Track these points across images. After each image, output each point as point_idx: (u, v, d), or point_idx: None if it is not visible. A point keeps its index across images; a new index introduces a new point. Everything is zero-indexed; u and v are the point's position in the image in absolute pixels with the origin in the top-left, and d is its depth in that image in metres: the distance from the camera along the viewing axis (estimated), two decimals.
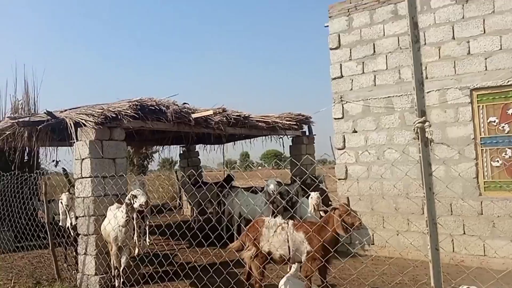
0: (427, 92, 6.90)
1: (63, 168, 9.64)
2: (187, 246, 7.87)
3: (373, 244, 7.45)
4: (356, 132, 7.71)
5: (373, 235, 7.39)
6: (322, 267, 4.68)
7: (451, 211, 6.62)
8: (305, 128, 10.85)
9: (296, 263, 5.16)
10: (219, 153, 13.67)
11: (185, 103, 7.66)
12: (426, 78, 6.93)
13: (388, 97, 7.34)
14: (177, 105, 7.18)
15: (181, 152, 14.16)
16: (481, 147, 6.42)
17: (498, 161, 6.29)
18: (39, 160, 10.25)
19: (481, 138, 6.43)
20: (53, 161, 8.36)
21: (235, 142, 12.23)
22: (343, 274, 5.75)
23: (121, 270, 5.33)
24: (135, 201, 5.15)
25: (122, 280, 5.30)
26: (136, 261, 5.48)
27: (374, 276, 5.67)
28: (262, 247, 4.84)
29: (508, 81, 6.09)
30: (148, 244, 8.74)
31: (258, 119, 8.64)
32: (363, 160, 7.61)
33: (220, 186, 9.46)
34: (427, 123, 2.82)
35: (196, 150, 14.10)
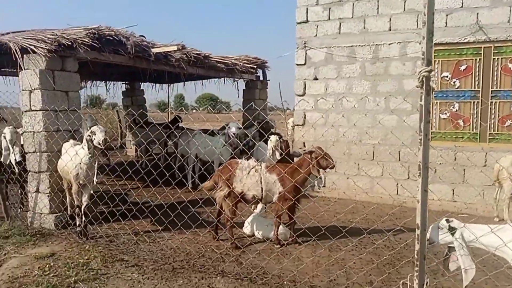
0: (389, 44, 7.14)
1: None
2: (137, 186, 7.72)
3: (324, 186, 7.92)
4: (317, 79, 7.83)
5: (325, 178, 7.83)
6: (292, 206, 4.92)
7: (399, 158, 7.19)
8: (260, 73, 10.76)
9: (261, 204, 5.37)
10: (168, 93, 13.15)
11: (141, 36, 7.08)
12: (389, 30, 7.13)
13: (351, 46, 7.46)
14: (135, 37, 6.62)
15: (124, 89, 13.32)
16: (433, 99, 6.91)
17: (446, 113, 6.86)
18: None
19: (434, 91, 6.90)
20: None
21: (185, 83, 11.78)
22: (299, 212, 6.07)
23: (83, 208, 5.10)
24: (94, 138, 4.82)
25: (84, 218, 5.08)
26: (94, 198, 5.25)
27: (326, 213, 6.10)
28: (235, 187, 4.92)
29: (465, 39, 6.50)
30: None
31: (217, 59, 8.34)
32: (322, 107, 7.82)
33: (166, 127, 9.22)
34: (432, 72, 2.94)
35: (141, 88, 13.36)
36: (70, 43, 5.47)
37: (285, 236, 5.12)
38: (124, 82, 12.94)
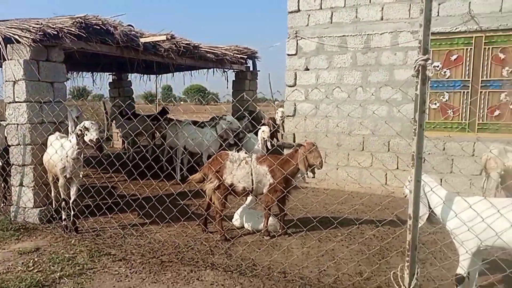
0: (381, 34, 7.08)
1: None
2: (124, 179, 7.58)
3: (314, 177, 7.86)
4: (308, 70, 7.74)
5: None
6: (282, 198, 4.86)
7: (388, 148, 7.18)
8: (249, 63, 10.63)
9: (251, 196, 5.30)
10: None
11: (130, 25, 6.90)
12: (381, 19, 7.06)
13: (343, 36, 7.38)
14: (123, 26, 6.45)
15: (111, 80, 13.06)
16: (429, 89, 6.87)
17: (436, 103, 6.85)
18: None
19: (430, 80, 6.86)
20: None
21: (173, 74, 11.59)
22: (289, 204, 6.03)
23: (71, 202, 4.97)
24: (86, 134, 4.66)
25: (73, 212, 4.96)
26: (80, 191, 5.13)
27: (316, 204, 6.07)
28: (225, 179, 4.84)
29: (456, 28, 6.46)
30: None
31: (207, 49, 8.19)
32: (312, 98, 7.75)
33: (154, 119, 9.05)
34: (429, 61, 2.88)
35: (129, 79, 13.12)
36: (55, 33, 5.29)
37: (275, 228, 5.08)
38: (111, 73, 12.68)
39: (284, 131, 8.43)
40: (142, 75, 12.28)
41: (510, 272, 2.95)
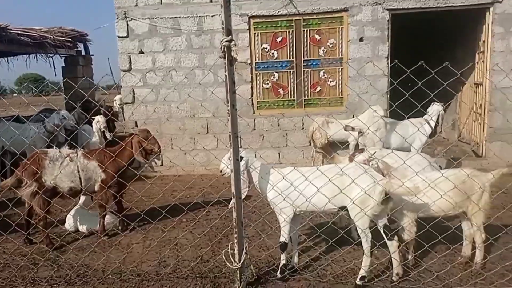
0: (212, 16, 7.12)
1: None
2: None
3: (162, 165, 7.66)
4: (143, 53, 7.34)
5: (162, 156, 7.56)
6: (117, 192, 4.53)
7: None
8: (81, 47, 9.59)
9: (84, 196, 4.81)
10: None
11: None
12: (211, 1, 7.09)
13: (175, 17, 7.18)
14: None
15: None
16: (256, 70, 7.25)
17: (268, 83, 7.29)
18: None
19: (256, 62, 7.23)
20: None
21: None
22: (133, 198, 5.71)
23: None
24: None
25: None
26: None
27: (164, 193, 5.90)
28: (46, 181, 4.25)
29: (278, 12, 6.91)
30: None
31: (20, 31, 7.01)
32: (151, 82, 7.42)
33: None
34: (233, 42, 2.91)
35: None
36: None
37: (114, 225, 4.72)
38: None
39: (124, 119, 7.90)
40: None
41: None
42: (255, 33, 7.16)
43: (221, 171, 3.29)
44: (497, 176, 3.14)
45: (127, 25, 7.29)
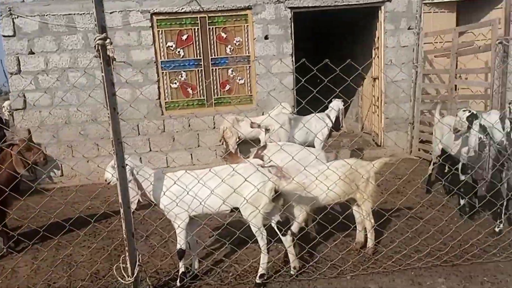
0: (110, 13, 6.69)
1: None
2: None
3: (62, 175, 7.05)
4: (34, 53, 6.66)
5: (61, 165, 6.97)
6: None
7: (138, 132, 7.05)
8: None
9: None
10: None
11: None
12: None
13: (69, 14, 6.63)
14: None
15: None
16: (162, 70, 6.98)
17: (176, 83, 7.07)
18: None
19: (161, 61, 6.96)
20: None
21: None
22: (28, 214, 5.17)
23: None
24: None
25: None
26: None
27: (63, 206, 5.42)
28: None
29: (182, 9, 6.71)
30: None
31: None
32: (45, 85, 6.76)
33: None
34: (108, 40, 2.70)
35: None
36: None
37: None
38: None
39: (16, 128, 7.12)
40: None
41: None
42: (159, 31, 6.88)
43: (106, 180, 3.06)
44: (379, 166, 3.35)
45: (13, 22, 6.55)
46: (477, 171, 3.72)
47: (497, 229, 3.94)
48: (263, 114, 6.87)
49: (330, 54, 8.19)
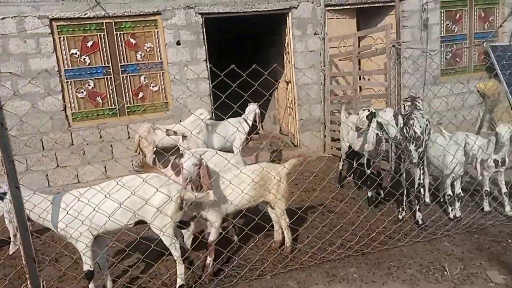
0: (2, 19, 6.08)
1: None
2: None
3: None
4: None
5: None
6: None
7: (43, 146, 6.48)
8: None
9: None
10: None
11: None
12: (0, 1, 6.04)
13: None
14: None
15: None
16: (66, 79, 6.51)
17: (83, 92, 6.63)
18: None
19: (65, 70, 6.48)
20: None
21: None
22: None
23: None
24: None
25: None
26: None
27: None
28: None
29: (85, 14, 6.32)
30: None
31: None
32: None
33: None
34: None
35: None
36: None
37: None
38: None
39: None
40: None
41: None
42: (60, 37, 6.40)
43: None
44: (290, 167, 3.48)
45: None
46: (376, 164, 4.04)
47: (400, 217, 4.32)
48: (180, 122, 6.74)
49: (246, 59, 8.35)
